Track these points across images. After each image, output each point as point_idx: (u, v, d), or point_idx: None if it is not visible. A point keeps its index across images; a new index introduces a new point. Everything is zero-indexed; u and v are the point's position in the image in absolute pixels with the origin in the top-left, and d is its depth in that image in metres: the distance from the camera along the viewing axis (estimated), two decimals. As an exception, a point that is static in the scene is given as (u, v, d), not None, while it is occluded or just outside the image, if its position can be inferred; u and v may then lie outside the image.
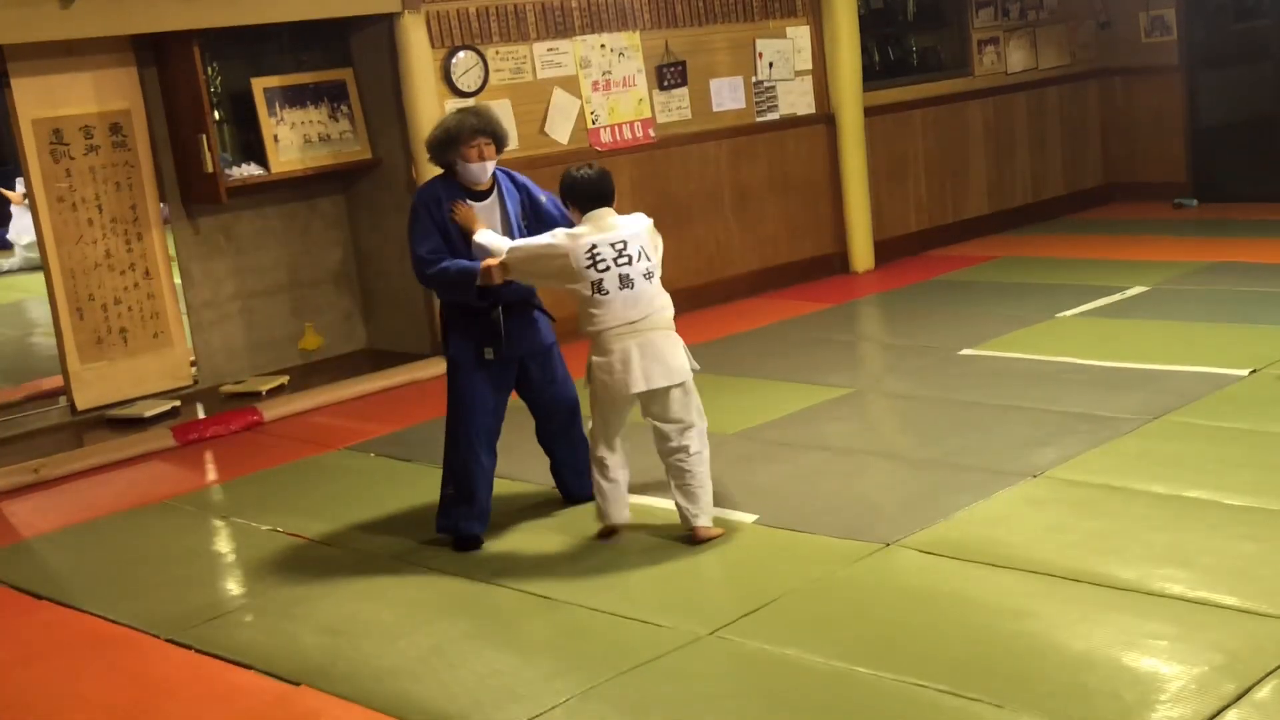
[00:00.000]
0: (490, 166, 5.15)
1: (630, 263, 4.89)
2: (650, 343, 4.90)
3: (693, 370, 5.00)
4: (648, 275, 4.93)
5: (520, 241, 5.02)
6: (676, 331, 5.02)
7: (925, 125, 10.70)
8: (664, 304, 4.98)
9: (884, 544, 4.82)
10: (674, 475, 5.01)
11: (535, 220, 5.26)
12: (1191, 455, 5.45)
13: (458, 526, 5.22)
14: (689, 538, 4.99)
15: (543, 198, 5.33)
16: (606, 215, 4.98)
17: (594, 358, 4.95)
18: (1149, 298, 8.31)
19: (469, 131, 5.07)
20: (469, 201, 5.13)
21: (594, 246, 4.87)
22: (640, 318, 4.90)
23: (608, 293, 4.86)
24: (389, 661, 4.29)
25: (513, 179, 5.32)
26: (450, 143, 5.10)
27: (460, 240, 5.08)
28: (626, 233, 4.95)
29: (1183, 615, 4.06)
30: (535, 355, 5.31)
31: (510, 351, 5.18)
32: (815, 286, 9.78)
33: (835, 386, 6.98)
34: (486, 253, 5.01)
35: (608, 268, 4.86)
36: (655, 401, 4.95)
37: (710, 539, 4.98)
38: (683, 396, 4.95)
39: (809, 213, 10.04)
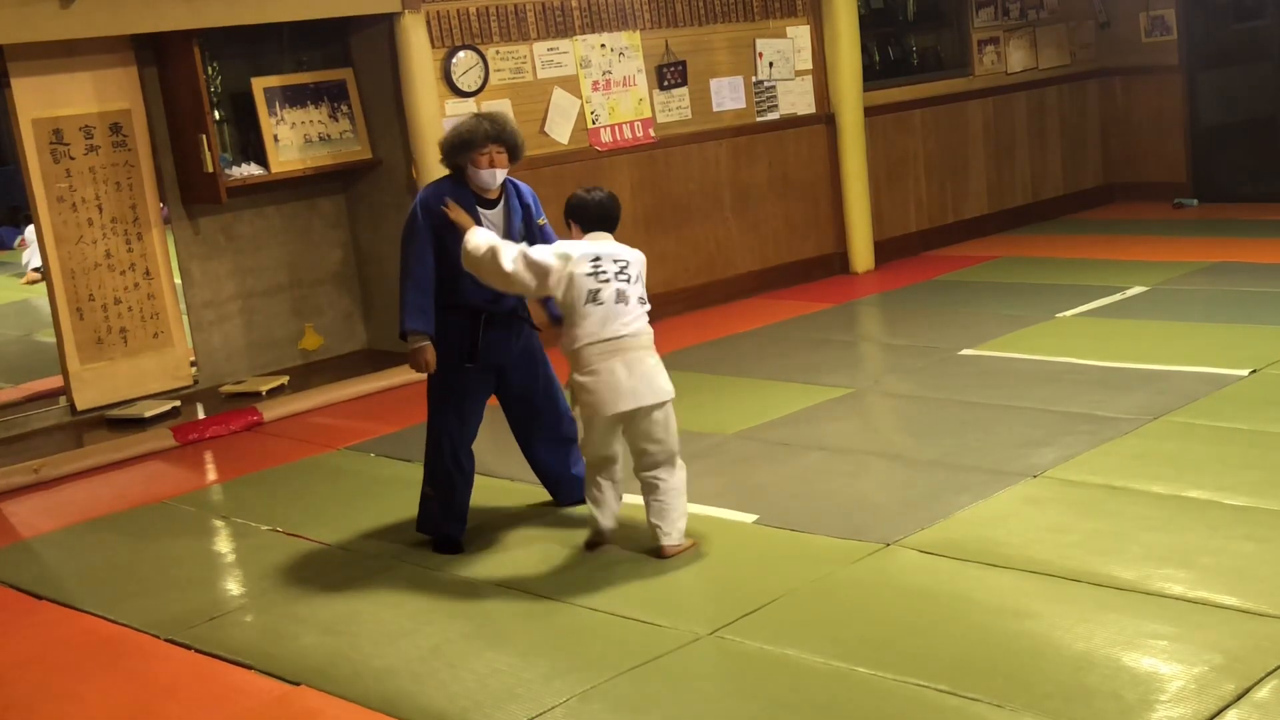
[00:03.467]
0: (500, 175, 5.09)
1: (629, 282, 4.86)
2: (638, 360, 4.82)
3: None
4: (641, 300, 4.90)
5: (525, 248, 4.89)
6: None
7: (925, 125, 10.70)
8: (649, 331, 4.91)
9: (884, 544, 4.82)
10: (648, 491, 4.96)
11: (528, 241, 5.15)
12: (1191, 455, 5.45)
13: (437, 528, 5.26)
14: (656, 551, 4.93)
15: (542, 220, 5.28)
16: (607, 239, 4.96)
17: (579, 377, 4.83)
18: (1149, 298, 8.31)
19: (483, 137, 5.01)
20: (479, 210, 5.09)
21: (598, 258, 4.82)
22: (628, 334, 4.81)
23: (601, 303, 4.78)
24: (389, 661, 4.29)
25: (520, 193, 5.25)
26: (463, 146, 5.04)
27: (455, 244, 4.96)
28: (630, 255, 4.92)
29: (1182, 615, 4.06)
30: (515, 364, 5.29)
31: (485, 360, 5.18)
32: (815, 286, 9.77)
33: (835, 386, 6.98)
34: (478, 256, 4.86)
35: (608, 279, 4.80)
36: (637, 422, 4.86)
37: (678, 553, 4.93)
38: (664, 419, 4.88)
39: (809, 213, 10.03)
